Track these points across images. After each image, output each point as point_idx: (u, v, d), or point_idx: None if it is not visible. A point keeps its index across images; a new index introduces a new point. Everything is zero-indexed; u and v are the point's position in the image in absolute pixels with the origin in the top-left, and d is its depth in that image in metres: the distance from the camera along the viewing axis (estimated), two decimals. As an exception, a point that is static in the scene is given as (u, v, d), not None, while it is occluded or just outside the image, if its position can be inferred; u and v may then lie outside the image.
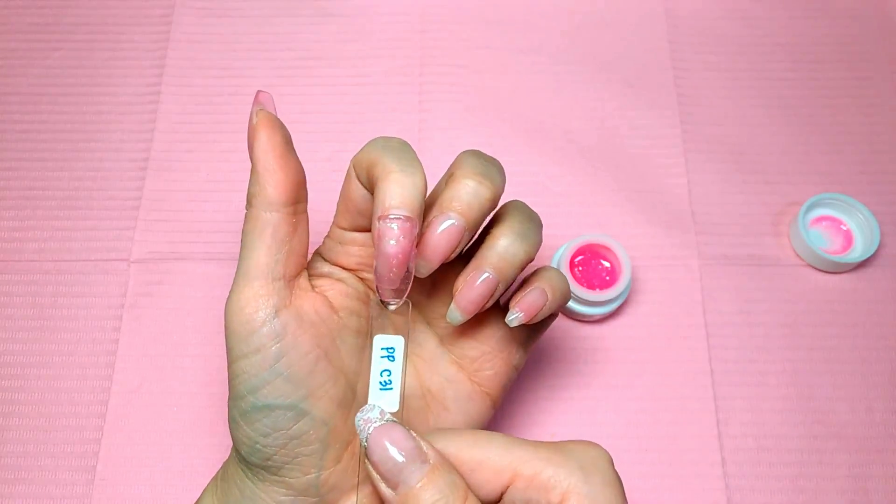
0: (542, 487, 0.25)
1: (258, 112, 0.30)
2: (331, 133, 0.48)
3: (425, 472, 0.24)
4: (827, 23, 0.51)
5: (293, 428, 0.27)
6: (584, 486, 0.25)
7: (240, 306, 0.27)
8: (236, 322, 0.27)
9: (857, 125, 0.48)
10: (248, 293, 0.27)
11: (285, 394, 0.27)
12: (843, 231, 0.45)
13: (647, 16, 0.51)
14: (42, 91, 0.49)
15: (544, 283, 0.29)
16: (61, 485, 0.40)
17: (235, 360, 0.27)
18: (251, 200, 0.28)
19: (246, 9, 0.51)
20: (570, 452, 0.26)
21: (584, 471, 0.25)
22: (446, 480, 0.24)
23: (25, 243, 0.45)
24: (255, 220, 0.28)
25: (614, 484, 0.25)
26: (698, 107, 0.49)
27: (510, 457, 0.25)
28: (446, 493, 0.24)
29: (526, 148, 0.47)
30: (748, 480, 0.40)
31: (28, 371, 0.42)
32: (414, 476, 0.24)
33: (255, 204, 0.28)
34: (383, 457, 0.24)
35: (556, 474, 0.25)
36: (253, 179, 0.28)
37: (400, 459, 0.24)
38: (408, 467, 0.24)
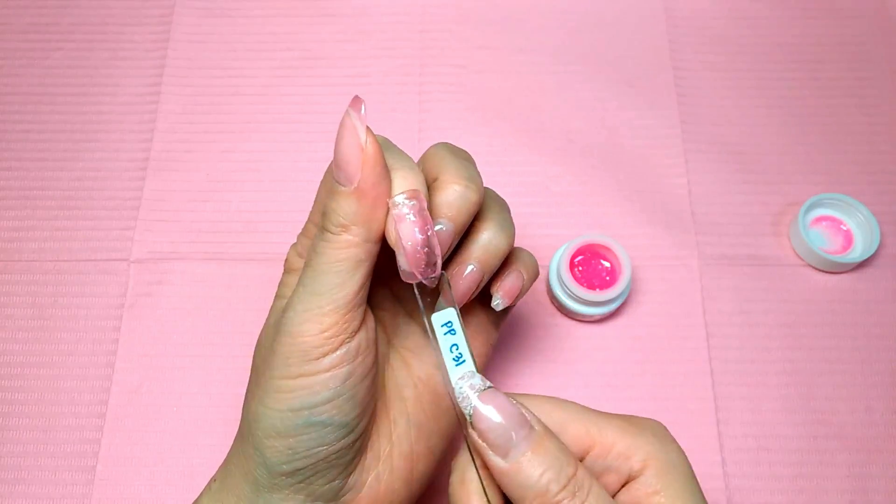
0: (621, 456, 0.25)
1: (368, 132, 0.27)
2: (331, 133, 0.47)
3: (534, 439, 0.24)
4: (827, 23, 0.52)
5: (339, 443, 0.27)
6: (662, 453, 0.25)
7: (320, 329, 0.26)
8: (310, 342, 0.26)
9: (857, 125, 0.48)
10: (333, 318, 0.26)
11: (345, 412, 0.26)
12: (843, 231, 0.45)
13: (647, 16, 0.51)
14: (42, 91, 0.49)
15: (519, 266, 0.31)
16: (61, 485, 0.40)
17: (298, 375, 0.26)
18: (348, 226, 0.26)
19: (246, 9, 0.51)
20: (642, 424, 0.26)
21: (658, 439, 0.26)
22: (556, 445, 0.24)
23: (25, 243, 0.45)
24: (351, 247, 0.26)
25: (682, 453, 0.26)
26: (698, 107, 0.49)
27: (589, 425, 0.26)
28: (559, 457, 0.24)
29: (526, 148, 0.47)
30: (748, 480, 0.40)
31: (28, 371, 0.42)
32: (523, 443, 0.24)
33: (356, 233, 0.26)
34: (491, 425, 0.24)
35: (634, 443, 0.25)
36: (350, 202, 0.26)
37: (507, 427, 0.24)
38: (516, 434, 0.24)
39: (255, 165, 0.47)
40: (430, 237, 0.26)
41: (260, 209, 0.46)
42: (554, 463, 0.23)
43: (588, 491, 0.23)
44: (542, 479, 0.23)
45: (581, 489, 0.23)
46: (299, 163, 0.47)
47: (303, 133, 0.48)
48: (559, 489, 0.23)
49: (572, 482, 0.23)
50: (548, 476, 0.23)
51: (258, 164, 0.47)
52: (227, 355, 0.42)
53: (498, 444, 0.24)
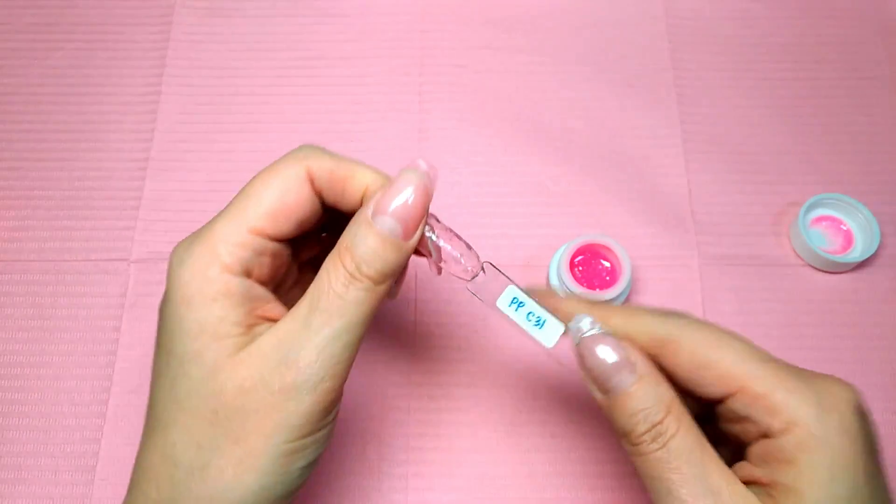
0: (766, 409, 0.25)
1: None
2: (331, 133, 0.48)
3: (633, 381, 0.25)
4: (827, 23, 0.51)
5: None
6: (815, 423, 0.24)
7: (344, 380, 0.26)
8: (336, 397, 0.25)
9: (857, 125, 0.48)
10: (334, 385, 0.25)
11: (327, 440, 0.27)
12: (843, 231, 0.45)
13: (647, 16, 0.51)
14: (43, 91, 0.49)
15: None
16: (61, 485, 0.40)
17: (314, 431, 0.25)
18: (388, 276, 0.26)
19: (246, 9, 0.51)
20: (811, 383, 0.25)
21: (820, 407, 0.24)
22: (652, 391, 0.25)
23: (25, 243, 0.45)
24: (383, 297, 0.26)
25: (854, 433, 0.24)
26: (698, 107, 0.49)
27: (743, 368, 0.25)
28: (651, 402, 0.25)
29: (526, 148, 0.47)
30: (748, 480, 0.40)
31: (28, 371, 0.42)
32: (623, 384, 0.25)
33: (389, 283, 0.26)
34: (595, 363, 0.26)
35: (785, 400, 0.24)
36: (400, 255, 0.26)
37: (610, 366, 0.26)
38: (618, 374, 0.26)
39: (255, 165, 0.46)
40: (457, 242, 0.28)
41: (260, 209, 0.46)
42: (643, 408, 0.25)
43: (669, 437, 0.25)
44: (630, 420, 0.25)
45: (662, 435, 0.25)
46: (299, 163, 0.47)
47: (303, 133, 0.48)
48: (643, 431, 0.25)
49: (657, 428, 0.25)
50: (635, 419, 0.25)
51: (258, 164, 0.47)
52: (227, 355, 0.42)
53: (599, 382, 0.26)
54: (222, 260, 0.25)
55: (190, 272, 0.25)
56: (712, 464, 0.25)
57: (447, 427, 0.41)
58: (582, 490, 0.40)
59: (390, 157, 0.47)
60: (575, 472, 0.40)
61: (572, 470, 0.40)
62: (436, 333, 0.43)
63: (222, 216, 0.27)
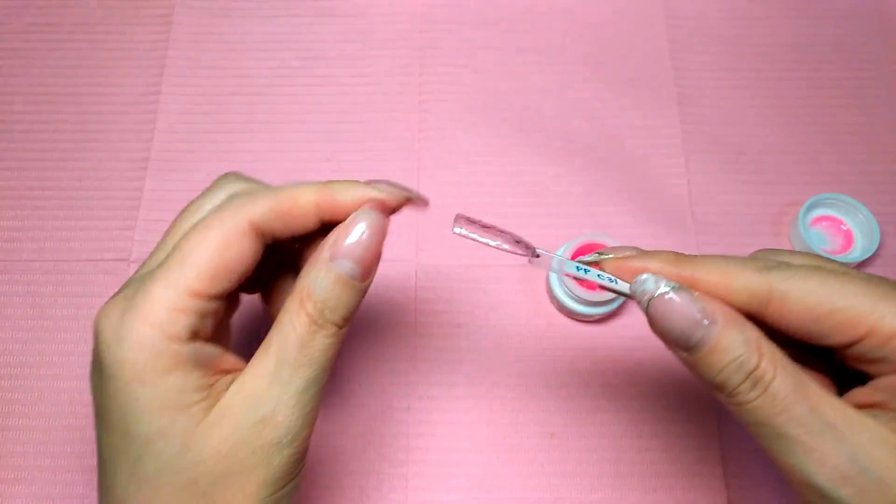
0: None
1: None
2: (331, 133, 0.48)
3: (714, 335, 0.24)
4: (827, 23, 0.52)
5: None
6: None
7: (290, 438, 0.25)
8: (305, 446, 0.25)
9: (857, 125, 0.48)
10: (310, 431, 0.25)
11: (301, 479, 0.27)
12: (843, 231, 0.45)
13: (647, 16, 0.51)
14: (43, 91, 0.49)
15: None
16: (61, 485, 0.40)
17: (291, 481, 0.26)
18: (349, 319, 0.25)
19: (246, 9, 0.51)
20: None
21: None
22: (739, 337, 0.24)
23: (25, 243, 0.45)
24: (335, 339, 0.25)
25: None
26: (698, 107, 0.49)
27: (867, 310, 0.23)
28: (741, 349, 0.23)
29: (526, 148, 0.47)
30: (748, 480, 0.40)
31: (28, 371, 0.42)
32: (706, 338, 0.24)
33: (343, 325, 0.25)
34: (670, 324, 0.24)
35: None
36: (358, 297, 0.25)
37: (688, 323, 0.24)
38: (698, 330, 0.24)
39: (255, 165, 0.47)
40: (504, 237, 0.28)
41: (260, 209, 0.46)
42: (734, 358, 0.23)
43: (770, 381, 0.23)
44: (720, 375, 0.24)
45: (761, 381, 0.23)
46: (299, 163, 0.47)
47: (303, 133, 0.48)
48: (740, 382, 0.23)
49: (753, 374, 0.23)
50: (728, 371, 0.24)
51: (258, 164, 0.47)
52: (227, 355, 0.42)
53: (679, 343, 0.24)
54: (165, 330, 0.24)
55: (133, 349, 0.23)
56: (818, 397, 0.23)
57: (447, 427, 0.41)
58: (582, 490, 0.40)
59: (390, 157, 0.47)
60: (575, 472, 0.40)
61: (572, 470, 0.40)
62: (436, 333, 0.43)
63: (157, 279, 0.24)
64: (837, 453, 0.22)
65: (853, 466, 0.22)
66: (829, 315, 0.24)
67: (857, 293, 0.24)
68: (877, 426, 0.23)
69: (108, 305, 0.25)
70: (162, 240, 0.27)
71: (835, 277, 0.24)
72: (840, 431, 0.23)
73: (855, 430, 0.23)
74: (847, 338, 0.24)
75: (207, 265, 0.24)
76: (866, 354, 0.24)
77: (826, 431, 0.23)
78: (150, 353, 0.23)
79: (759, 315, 0.25)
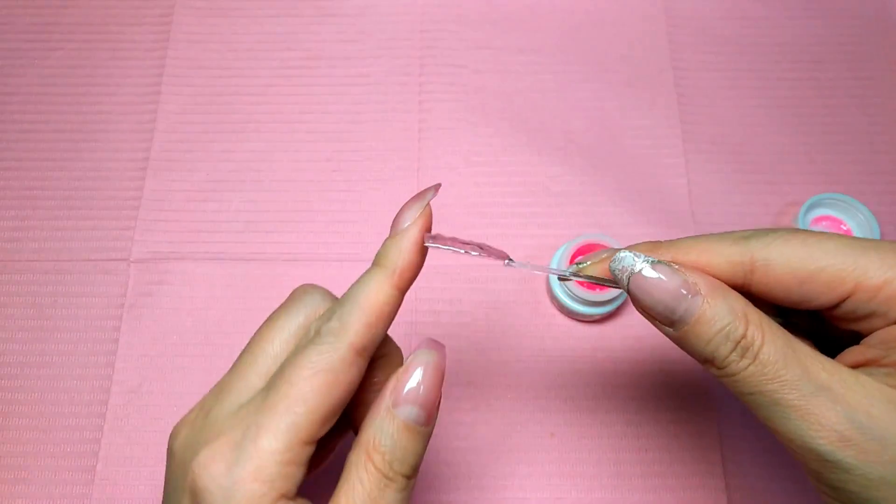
0: (891, 298, 0.23)
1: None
2: (331, 133, 0.48)
3: (698, 305, 0.23)
4: (827, 23, 0.52)
5: None
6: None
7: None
8: None
9: (857, 125, 0.48)
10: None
11: None
12: (843, 231, 0.45)
13: (647, 16, 0.51)
14: (42, 91, 0.49)
15: None
16: (61, 485, 0.40)
17: None
18: (399, 468, 0.24)
19: (246, 9, 0.51)
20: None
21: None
22: (724, 306, 0.23)
23: (25, 243, 0.45)
24: (405, 492, 0.24)
25: None
26: (698, 107, 0.49)
27: (851, 266, 0.23)
28: (727, 318, 0.23)
29: (526, 148, 0.47)
30: (748, 480, 0.40)
31: (28, 371, 0.42)
32: (690, 310, 0.23)
33: (412, 475, 0.24)
34: (652, 300, 0.24)
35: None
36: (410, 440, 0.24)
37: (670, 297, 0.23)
38: (681, 302, 0.23)
39: (255, 165, 0.47)
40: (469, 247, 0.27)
41: (260, 209, 0.46)
42: (721, 328, 0.23)
43: (758, 349, 0.23)
44: (709, 346, 0.23)
45: (750, 349, 0.23)
46: (299, 163, 0.47)
47: (303, 133, 0.48)
48: (728, 352, 0.23)
49: (741, 343, 0.23)
50: (716, 342, 0.23)
51: (258, 164, 0.47)
52: (227, 355, 0.42)
53: (663, 318, 0.24)
54: (277, 486, 0.22)
55: None
56: (810, 359, 0.23)
57: (447, 427, 0.41)
58: (582, 490, 0.40)
59: (390, 157, 0.47)
60: (575, 472, 0.40)
61: (572, 470, 0.40)
62: (436, 333, 0.43)
63: (266, 429, 0.23)
64: (834, 415, 0.22)
65: (851, 427, 0.22)
66: (814, 275, 0.23)
67: (839, 250, 0.23)
68: (872, 383, 0.22)
69: (210, 452, 0.23)
70: (243, 360, 0.26)
71: (814, 238, 0.24)
72: (835, 392, 0.22)
73: (850, 390, 0.22)
74: (834, 296, 0.23)
75: (320, 409, 0.23)
76: (855, 311, 0.24)
77: (820, 394, 0.22)
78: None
79: (745, 286, 0.25)
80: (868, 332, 0.24)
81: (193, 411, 0.25)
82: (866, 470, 0.22)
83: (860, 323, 0.24)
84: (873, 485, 0.22)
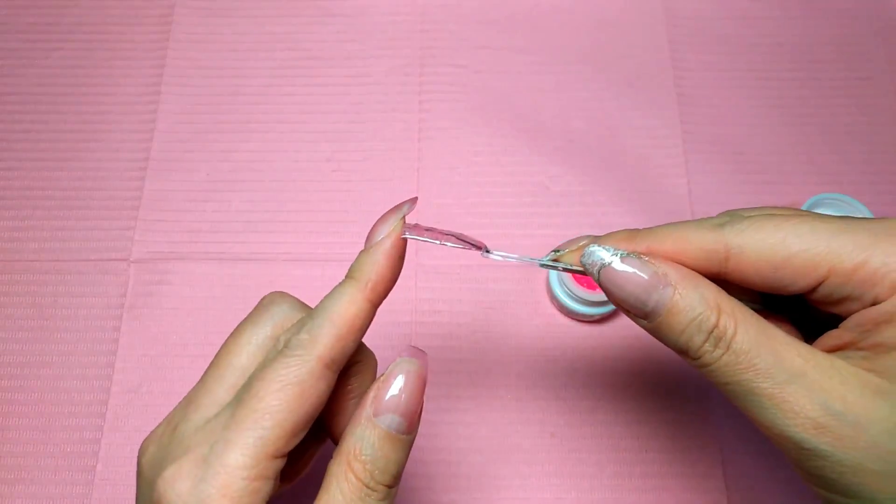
0: (865, 281, 0.22)
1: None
2: (331, 133, 0.48)
3: (669, 296, 0.23)
4: (827, 23, 0.52)
5: None
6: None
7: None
8: None
9: (857, 125, 0.48)
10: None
11: None
12: (843, 231, 0.45)
13: (647, 16, 0.51)
14: (42, 91, 0.49)
15: None
16: (61, 485, 0.40)
17: None
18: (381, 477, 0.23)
19: (246, 9, 0.51)
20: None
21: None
22: (695, 295, 0.23)
23: (25, 243, 0.45)
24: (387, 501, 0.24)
25: None
26: (698, 107, 0.49)
27: (824, 249, 0.23)
28: (699, 307, 0.23)
29: (526, 148, 0.47)
30: (748, 480, 0.40)
31: (28, 371, 0.42)
32: (662, 301, 0.23)
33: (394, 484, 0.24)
34: (623, 293, 0.24)
35: (885, 264, 0.22)
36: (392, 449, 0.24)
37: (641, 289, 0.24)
38: (652, 294, 0.23)
39: (255, 165, 0.47)
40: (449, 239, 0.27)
41: (260, 209, 0.46)
42: (692, 318, 0.23)
43: (731, 337, 0.23)
44: (682, 337, 0.23)
45: (723, 338, 0.23)
46: (299, 163, 0.47)
47: (303, 133, 0.48)
48: (702, 342, 0.23)
49: (714, 333, 0.23)
50: (688, 332, 0.23)
51: (258, 164, 0.47)
52: (227, 355, 0.42)
53: (636, 310, 0.24)
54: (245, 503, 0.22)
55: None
56: (784, 346, 0.23)
57: (447, 427, 0.41)
58: (582, 490, 0.40)
59: (390, 157, 0.47)
60: (575, 472, 0.40)
61: (572, 470, 0.40)
62: (435, 333, 0.43)
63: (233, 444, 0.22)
64: (809, 402, 0.22)
65: (826, 413, 0.22)
66: (787, 261, 0.23)
67: (812, 234, 0.23)
68: (847, 367, 0.22)
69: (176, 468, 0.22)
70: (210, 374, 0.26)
71: (787, 222, 0.23)
72: (809, 379, 0.22)
73: (825, 375, 0.22)
74: (809, 281, 0.23)
75: (287, 422, 0.23)
76: (832, 295, 0.23)
77: (794, 381, 0.22)
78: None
79: (721, 273, 0.24)
80: (846, 314, 0.24)
81: (161, 426, 0.25)
82: (843, 456, 0.21)
83: (838, 306, 0.24)
84: (850, 471, 0.22)
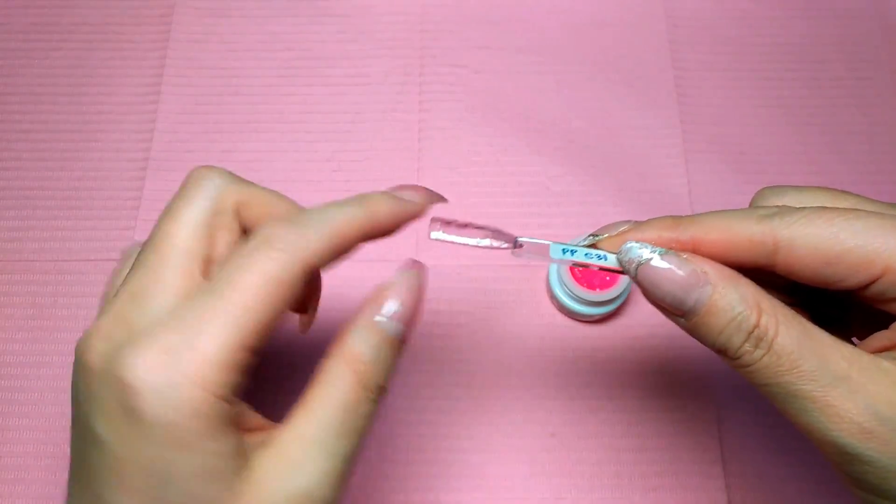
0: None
1: None
2: (331, 133, 0.48)
3: (708, 295, 0.23)
4: (827, 23, 0.52)
5: None
6: None
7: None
8: None
9: (857, 125, 0.48)
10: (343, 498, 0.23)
11: None
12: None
13: (647, 16, 0.51)
14: (42, 91, 0.49)
15: None
16: (61, 485, 0.40)
17: None
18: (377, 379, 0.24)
19: (246, 9, 0.51)
20: None
21: None
22: (735, 294, 0.23)
23: (25, 243, 0.45)
24: (378, 405, 0.24)
25: None
26: (698, 107, 0.49)
27: (882, 247, 0.22)
28: (738, 306, 0.22)
29: (526, 148, 0.47)
30: (748, 480, 0.40)
31: (28, 371, 0.42)
32: (701, 300, 0.23)
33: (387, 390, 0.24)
34: (661, 292, 0.24)
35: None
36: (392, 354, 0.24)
37: (680, 288, 0.23)
38: (691, 293, 0.23)
39: (255, 165, 0.47)
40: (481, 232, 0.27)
41: (260, 209, 0.46)
42: (732, 317, 0.22)
43: (773, 338, 0.22)
44: (721, 337, 0.23)
45: (764, 338, 0.22)
46: (299, 163, 0.47)
47: (303, 133, 0.48)
48: (741, 342, 0.22)
49: (755, 333, 0.22)
50: (728, 332, 0.23)
51: (258, 164, 0.47)
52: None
53: (674, 309, 0.24)
54: (215, 391, 0.21)
55: (178, 412, 0.21)
56: (828, 347, 0.22)
57: (447, 427, 0.41)
58: (582, 490, 0.40)
59: (390, 157, 0.47)
60: (575, 472, 0.40)
61: (572, 470, 0.40)
62: (435, 333, 0.43)
63: (209, 336, 0.21)
64: (854, 406, 0.21)
65: (873, 418, 0.21)
66: (841, 257, 0.22)
67: (868, 231, 0.22)
68: (893, 369, 0.21)
69: (142, 357, 0.21)
70: (149, 259, 0.25)
71: (841, 216, 0.23)
72: (855, 382, 0.21)
73: (872, 379, 0.21)
74: (863, 278, 0.22)
75: (265, 317, 0.22)
76: (885, 293, 0.23)
77: (839, 384, 0.21)
78: (194, 416, 0.21)
79: (769, 266, 0.24)
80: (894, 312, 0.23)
81: (104, 321, 0.23)
82: (888, 462, 0.21)
83: (891, 304, 0.23)
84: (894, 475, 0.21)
